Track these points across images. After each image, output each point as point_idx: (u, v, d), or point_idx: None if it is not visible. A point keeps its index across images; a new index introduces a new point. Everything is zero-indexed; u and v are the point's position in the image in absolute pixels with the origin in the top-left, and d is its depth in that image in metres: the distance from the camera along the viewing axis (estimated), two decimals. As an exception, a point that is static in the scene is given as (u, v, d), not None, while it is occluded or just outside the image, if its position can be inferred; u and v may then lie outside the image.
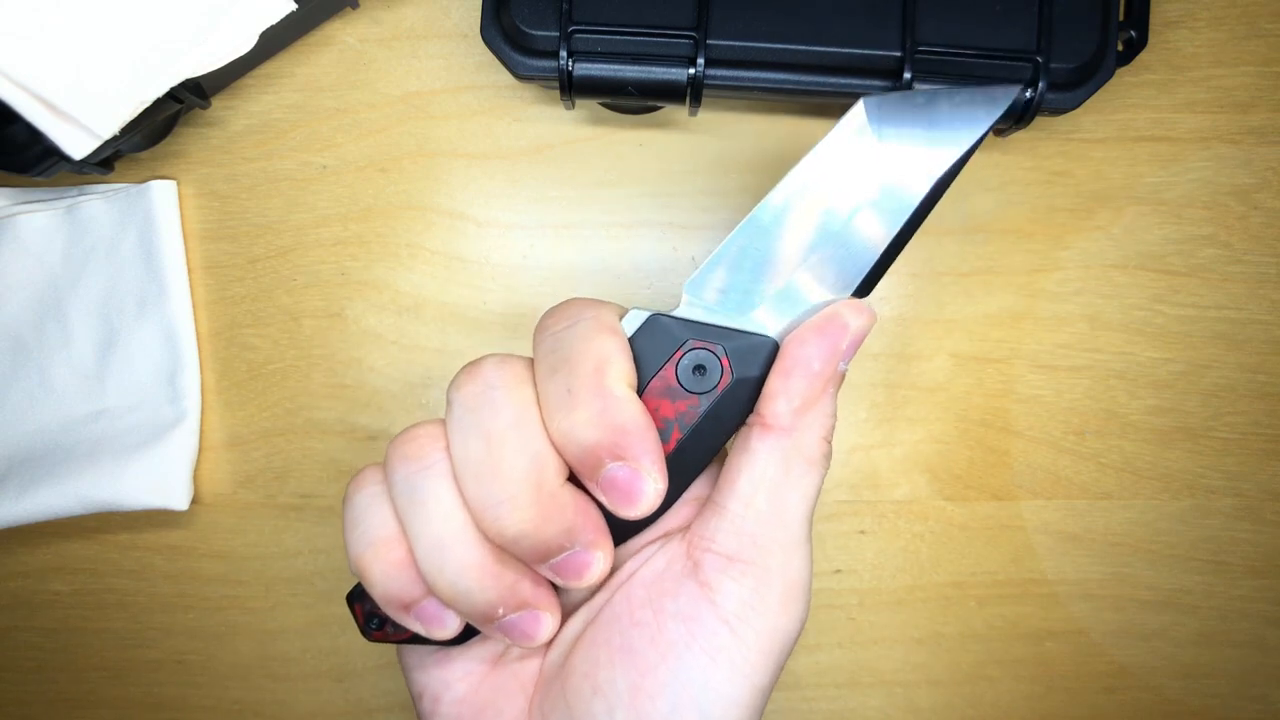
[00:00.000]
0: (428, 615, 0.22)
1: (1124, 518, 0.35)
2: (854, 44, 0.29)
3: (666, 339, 0.22)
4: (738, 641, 0.21)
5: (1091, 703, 0.36)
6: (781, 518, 0.22)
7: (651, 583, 0.23)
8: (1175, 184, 0.34)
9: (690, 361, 0.22)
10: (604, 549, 0.21)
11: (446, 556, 0.21)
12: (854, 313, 0.22)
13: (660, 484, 0.21)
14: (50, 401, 0.34)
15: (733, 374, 0.22)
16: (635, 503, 0.21)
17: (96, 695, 0.37)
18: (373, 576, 0.21)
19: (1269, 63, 0.34)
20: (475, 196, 0.35)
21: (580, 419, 0.20)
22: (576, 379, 0.21)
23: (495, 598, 0.21)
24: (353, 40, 0.34)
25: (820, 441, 0.22)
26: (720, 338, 0.22)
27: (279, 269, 0.35)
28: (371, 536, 0.21)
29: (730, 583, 0.22)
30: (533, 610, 0.22)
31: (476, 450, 0.21)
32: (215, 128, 0.34)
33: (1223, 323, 0.34)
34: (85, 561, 0.36)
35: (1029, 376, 0.35)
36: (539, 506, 0.20)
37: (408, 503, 0.21)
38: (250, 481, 0.35)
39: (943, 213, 0.34)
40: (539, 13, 0.29)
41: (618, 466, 0.20)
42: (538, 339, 0.22)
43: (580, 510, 0.21)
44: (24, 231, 0.34)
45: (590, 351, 0.21)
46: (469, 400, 0.21)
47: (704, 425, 0.22)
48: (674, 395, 0.22)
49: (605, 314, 0.22)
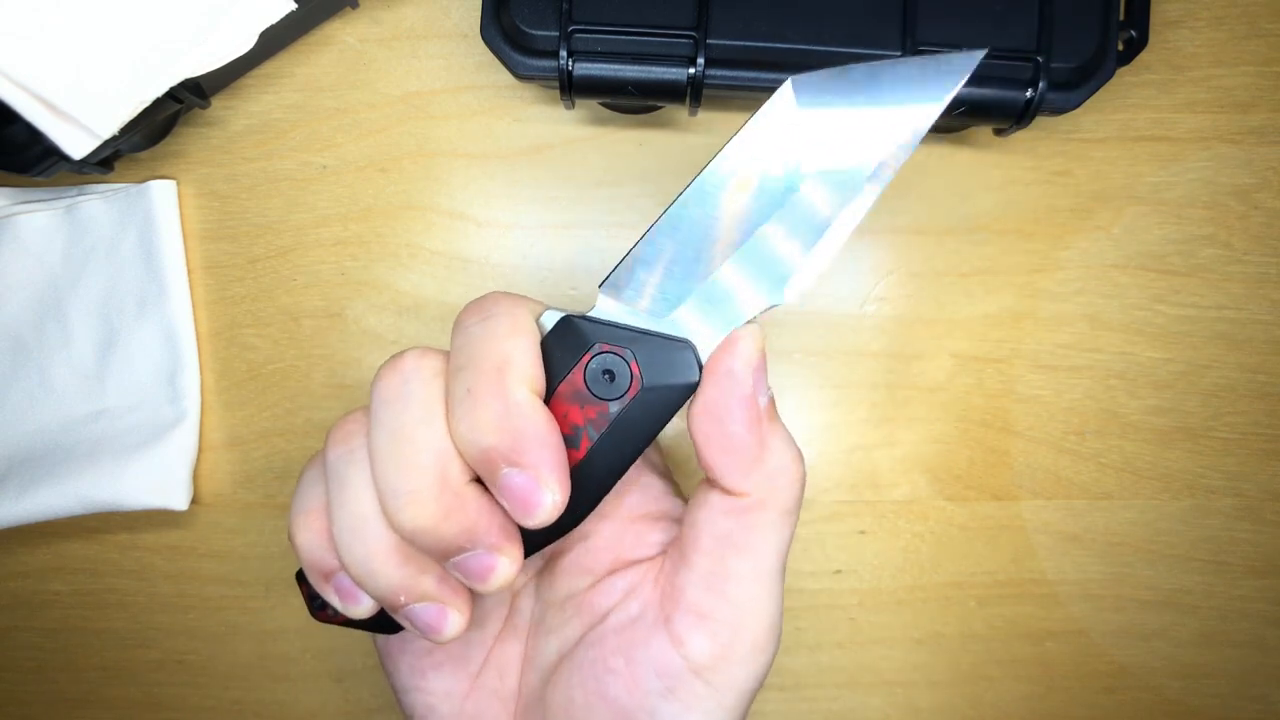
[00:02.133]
0: (343, 589, 0.22)
1: (1124, 518, 0.35)
2: (854, 44, 0.29)
3: (576, 342, 0.21)
4: (711, 690, 0.21)
5: (1091, 703, 0.36)
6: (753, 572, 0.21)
7: (624, 630, 0.23)
8: (1175, 184, 0.34)
9: (598, 366, 0.21)
10: (509, 554, 0.21)
11: (355, 537, 0.21)
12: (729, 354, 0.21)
13: (558, 495, 0.20)
14: (50, 401, 0.34)
15: (643, 380, 0.21)
16: (532, 512, 0.20)
17: (96, 695, 0.37)
18: (298, 541, 0.22)
19: (1269, 63, 0.34)
20: (475, 196, 0.34)
21: (477, 421, 0.20)
22: (477, 379, 0.20)
23: (397, 584, 0.21)
24: (353, 40, 0.34)
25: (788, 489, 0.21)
26: (630, 342, 0.21)
27: (279, 269, 0.35)
28: (304, 506, 0.22)
29: (702, 639, 0.21)
30: (437, 604, 0.21)
31: (385, 443, 0.21)
32: (215, 128, 0.34)
33: (1223, 323, 0.34)
34: (85, 561, 0.36)
35: (1029, 376, 0.35)
36: (439, 504, 0.20)
37: (332, 483, 0.21)
38: (250, 481, 0.35)
39: (943, 213, 0.34)
40: (539, 13, 0.29)
41: (514, 473, 0.20)
42: (453, 333, 0.22)
43: (484, 512, 0.21)
44: (24, 231, 0.34)
45: (494, 352, 0.20)
46: (384, 392, 0.21)
47: (615, 432, 0.21)
48: (583, 400, 0.21)
49: (519, 312, 0.21)
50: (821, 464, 0.35)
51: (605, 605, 0.23)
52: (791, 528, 0.22)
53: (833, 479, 0.35)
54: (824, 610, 0.36)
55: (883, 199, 0.34)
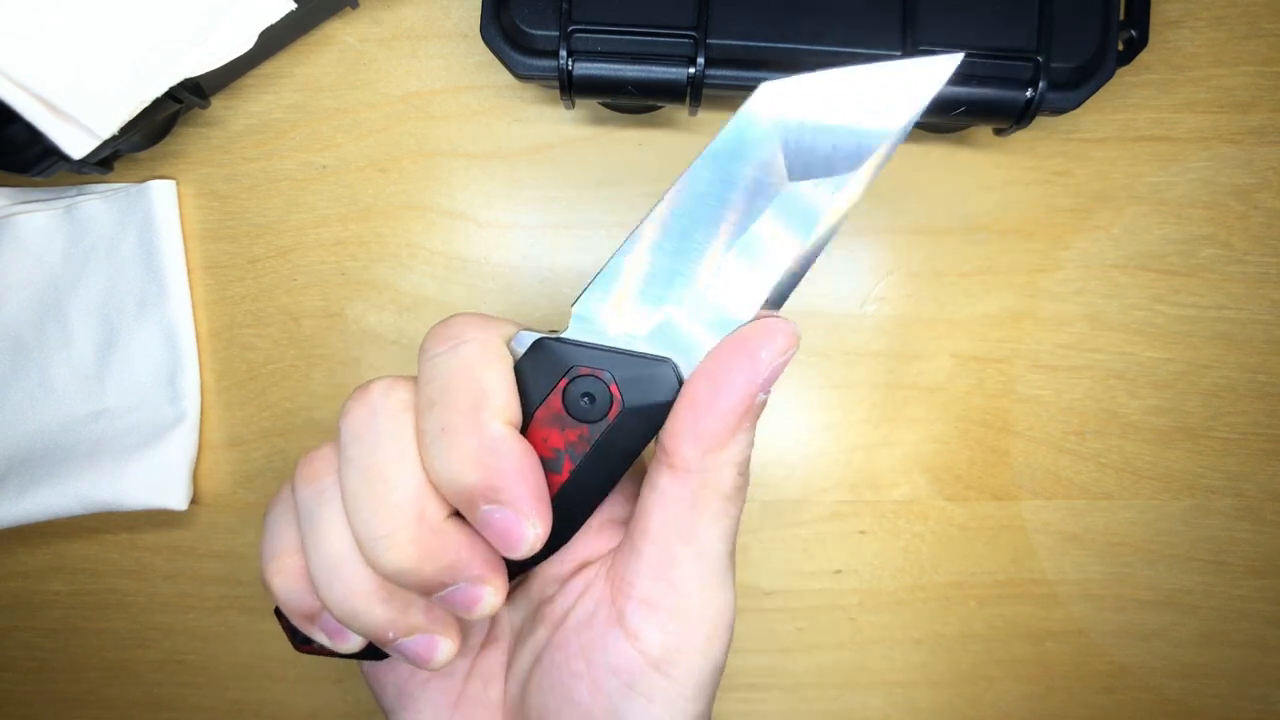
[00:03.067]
0: (330, 629, 0.22)
1: (1124, 518, 0.35)
2: (854, 44, 0.29)
3: (553, 365, 0.20)
4: (671, 682, 0.21)
5: (1091, 703, 0.36)
6: (699, 558, 0.21)
7: (582, 630, 0.22)
8: (1175, 184, 0.34)
9: (578, 389, 0.20)
10: (493, 583, 0.21)
11: (334, 579, 0.20)
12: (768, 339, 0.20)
13: (539, 528, 0.20)
14: (50, 401, 0.34)
15: (623, 402, 0.20)
16: (514, 547, 0.20)
17: (96, 695, 0.37)
18: (275, 587, 0.22)
19: (1269, 63, 0.34)
20: (475, 196, 0.34)
21: (454, 461, 0.19)
22: (451, 416, 0.20)
23: (384, 621, 0.21)
24: (353, 40, 0.34)
25: (734, 476, 0.21)
26: (609, 363, 0.20)
27: (279, 269, 0.35)
28: (276, 548, 0.22)
29: (654, 631, 0.21)
30: (426, 635, 0.21)
31: (357, 482, 0.20)
32: (215, 128, 0.34)
33: (1223, 323, 0.34)
34: (85, 561, 0.36)
35: (1029, 376, 0.35)
36: (418, 544, 0.20)
37: (305, 523, 0.21)
38: (250, 481, 0.35)
39: (943, 213, 0.34)
40: (539, 12, 0.29)
41: (494, 509, 0.19)
42: (420, 362, 0.21)
43: (465, 546, 0.20)
44: (24, 231, 0.34)
45: (467, 385, 0.20)
46: (353, 427, 0.21)
47: (597, 455, 0.21)
48: (563, 424, 0.20)
49: (491, 338, 0.21)
50: (821, 464, 0.35)
51: (565, 607, 0.23)
52: (735, 517, 0.22)
53: (833, 479, 0.35)
54: (824, 610, 0.36)
55: (883, 199, 0.34)
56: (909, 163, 0.34)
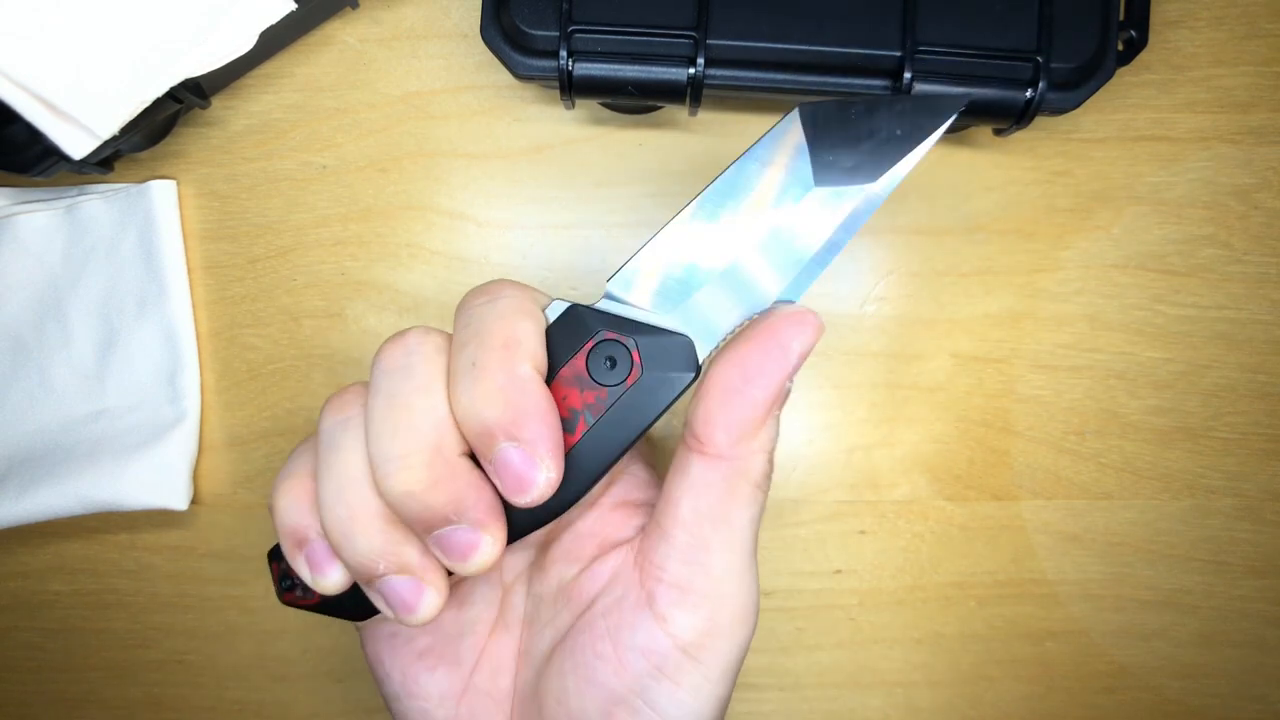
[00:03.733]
0: (315, 558, 0.22)
1: (1124, 518, 0.35)
2: (854, 44, 0.29)
3: (581, 328, 0.22)
4: (698, 666, 0.22)
5: (1091, 703, 0.36)
6: (729, 544, 0.22)
7: (609, 613, 0.23)
8: (1175, 184, 0.34)
9: (601, 352, 0.22)
10: (493, 533, 0.21)
11: (339, 499, 0.21)
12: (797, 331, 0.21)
13: (553, 473, 0.20)
14: (50, 401, 0.34)
15: (643, 368, 0.22)
16: (526, 489, 0.20)
17: (96, 695, 0.37)
18: (277, 505, 0.22)
19: (1269, 63, 0.34)
20: (475, 196, 0.34)
21: (480, 394, 0.20)
22: (483, 353, 0.20)
23: (378, 549, 0.21)
24: (353, 40, 0.34)
25: (763, 463, 0.22)
26: (634, 331, 0.22)
27: (279, 269, 0.35)
28: (290, 472, 0.22)
29: (685, 615, 0.22)
30: (415, 579, 0.21)
31: (381, 408, 0.21)
32: (215, 128, 0.34)
33: (1223, 323, 0.34)
34: (85, 561, 0.36)
35: (1029, 376, 0.35)
36: (429, 470, 0.20)
37: (324, 448, 0.22)
38: (250, 481, 0.35)
39: (943, 213, 0.34)
40: (539, 13, 0.29)
41: (511, 447, 0.20)
42: (458, 314, 0.22)
43: (473, 485, 0.21)
44: (24, 231, 0.34)
45: (502, 329, 0.21)
46: (387, 363, 0.21)
47: (612, 418, 0.22)
48: (583, 385, 0.22)
49: (526, 297, 0.22)
50: (821, 464, 0.35)
51: (592, 591, 0.24)
52: (762, 504, 0.22)
53: (833, 479, 0.35)
54: (824, 610, 0.36)
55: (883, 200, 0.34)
56: (909, 163, 0.34)
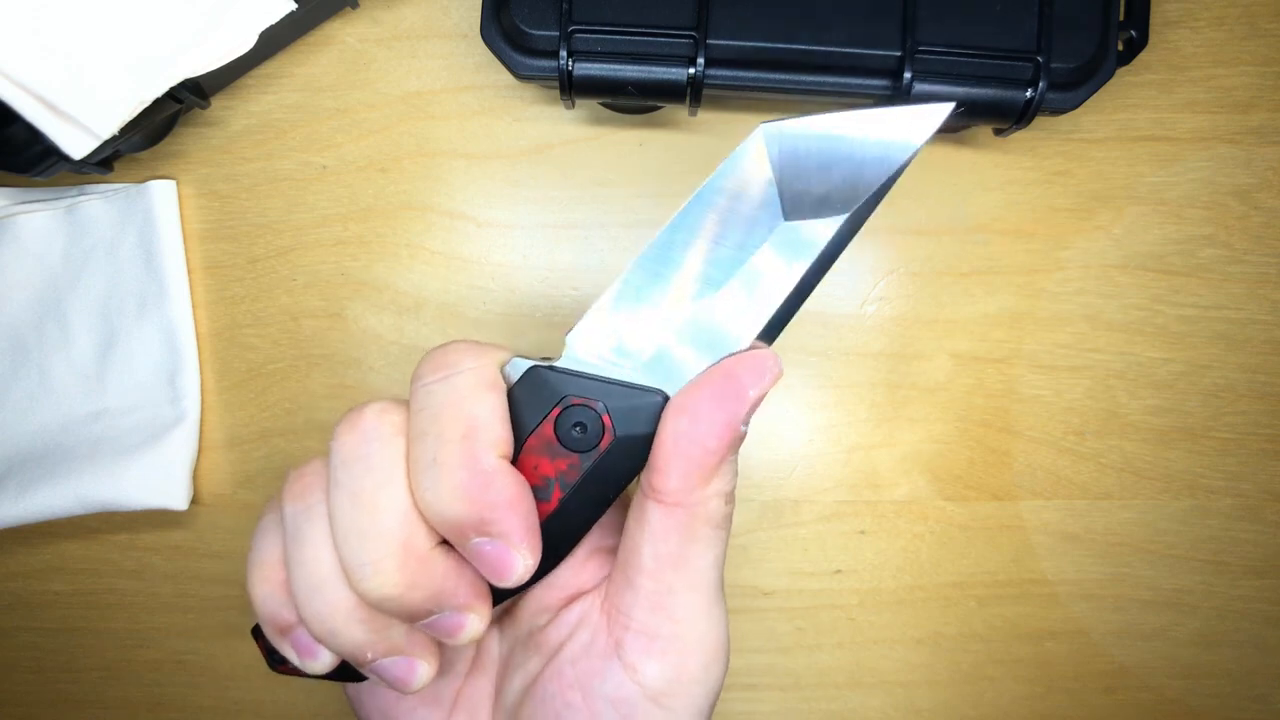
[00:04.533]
0: (300, 644, 0.22)
1: (1124, 518, 0.35)
2: (854, 44, 0.29)
3: (546, 393, 0.20)
4: (668, 713, 0.21)
5: (1091, 703, 0.36)
6: (693, 586, 0.21)
7: (578, 661, 0.22)
8: (1175, 184, 0.34)
9: (570, 418, 0.20)
10: (477, 611, 0.21)
11: (315, 596, 0.20)
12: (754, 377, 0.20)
13: (530, 559, 0.20)
14: (50, 401, 0.34)
15: (615, 433, 0.20)
16: (504, 577, 0.20)
17: (96, 695, 0.37)
18: (255, 596, 0.22)
19: (1269, 63, 0.34)
20: (475, 196, 0.34)
21: (444, 492, 0.19)
22: (443, 448, 0.19)
23: (364, 642, 0.21)
24: (353, 40, 0.34)
25: (721, 505, 0.21)
26: (602, 394, 0.20)
27: (279, 269, 0.35)
28: (260, 558, 0.22)
29: (653, 663, 0.21)
30: (406, 658, 0.21)
31: (346, 506, 0.20)
32: (215, 128, 0.34)
33: (1223, 323, 0.34)
34: (85, 561, 0.36)
35: (1029, 376, 0.35)
36: (404, 572, 0.20)
37: (290, 539, 0.21)
38: (250, 481, 0.35)
39: (943, 213, 0.34)
40: (539, 13, 0.29)
41: (485, 541, 0.20)
42: (412, 389, 0.21)
43: (451, 574, 0.20)
44: (24, 231, 0.34)
45: (459, 416, 0.20)
46: (344, 451, 0.20)
47: (587, 484, 0.21)
48: (554, 453, 0.20)
49: (484, 366, 0.21)
50: (821, 464, 0.35)
51: (560, 637, 0.23)
52: (724, 541, 0.22)
53: (833, 479, 0.35)
54: (824, 610, 0.36)
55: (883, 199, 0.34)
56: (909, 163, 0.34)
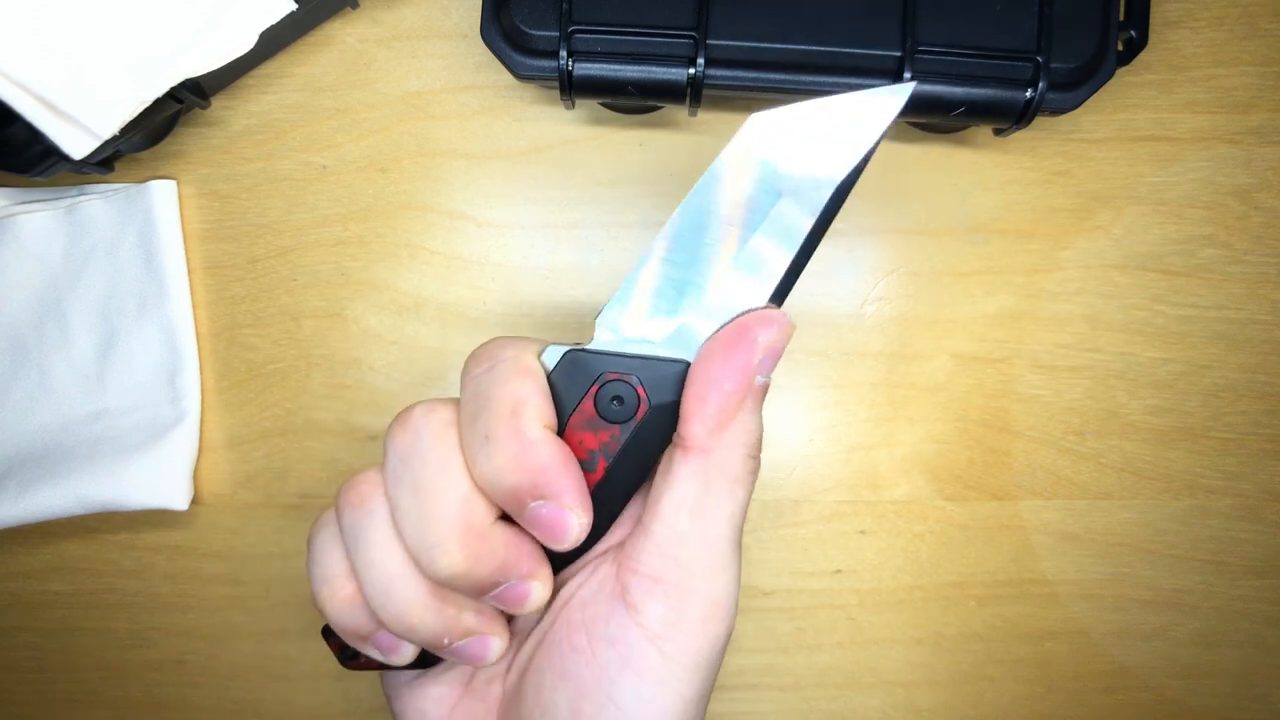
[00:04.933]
0: (385, 645, 0.23)
1: (1124, 518, 0.35)
2: (854, 44, 0.29)
3: (583, 373, 0.22)
4: (664, 659, 0.22)
5: (1091, 703, 0.36)
6: (704, 538, 0.22)
7: (586, 606, 0.23)
8: (1175, 184, 0.34)
9: (608, 393, 0.22)
10: (540, 578, 0.22)
11: (389, 595, 0.22)
12: (763, 325, 0.22)
13: (584, 518, 0.21)
14: (50, 401, 0.34)
15: (649, 401, 0.22)
16: (562, 538, 0.21)
17: (96, 695, 0.37)
18: (329, 611, 0.23)
19: (1269, 63, 0.34)
20: (475, 196, 0.34)
21: (499, 464, 0.21)
22: (493, 425, 0.21)
23: (440, 629, 0.22)
24: (353, 40, 0.34)
25: (743, 459, 0.22)
26: (635, 368, 0.22)
27: (279, 269, 0.35)
28: (326, 574, 0.23)
29: (653, 604, 0.22)
30: (479, 636, 0.23)
31: (407, 499, 0.22)
32: (215, 128, 0.34)
33: (1223, 323, 0.34)
34: (85, 561, 0.36)
35: (1029, 376, 0.35)
36: (468, 549, 0.21)
37: (354, 546, 0.22)
38: (250, 481, 0.35)
39: (943, 213, 0.34)
40: (539, 13, 0.29)
41: (540, 505, 0.21)
42: (462, 384, 0.23)
43: (512, 545, 0.22)
44: (24, 231, 0.34)
45: (506, 396, 0.21)
46: (400, 449, 0.22)
47: (628, 452, 0.22)
48: (595, 427, 0.22)
49: (523, 354, 0.22)
50: (821, 464, 0.35)
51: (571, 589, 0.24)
52: (742, 500, 0.23)
53: (833, 479, 0.35)
54: (824, 610, 0.36)
55: (883, 199, 0.35)
56: (909, 163, 0.34)
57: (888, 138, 0.34)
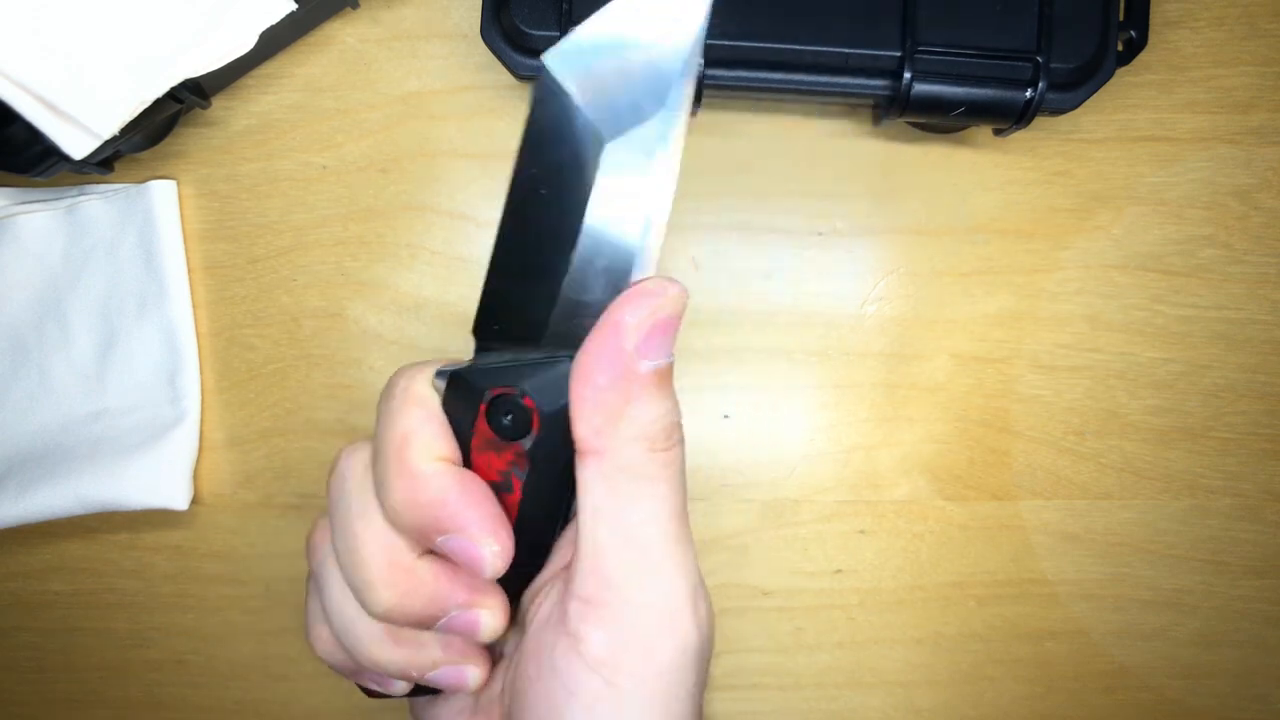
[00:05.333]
0: (373, 679, 0.24)
1: (1124, 518, 0.35)
2: (854, 44, 0.29)
3: (470, 394, 0.21)
4: (611, 690, 0.20)
5: (1091, 703, 0.36)
6: (626, 544, 0.20)
7: (540, 633, 0.22)
8: (1175, 184, 0.34)
9: (497, 411, 0.20)
10: (486, 605, 0.22)
11: (350, 636, 0.22)
12: (630, 305, 0.19)
13: (495, 545, 0.20)
14: (50, 401, 0.34)
15: (541, 410, 0.20)
16: (478, 568, 0.20)
17: (96, 695, 0.37)
18: (318, 654, 0.24)
19: (1269, 63, 0.34)
20: (475, 197, 0.34)
21: (395, 504, 0.21)
22: (385, 464, 0.21)
23: (404, 663, 0.22)
24: (353, 40, 0.34)
25: (644, 453, 0.20)
26: (518, 377, 0.20)
27: (279, 269, 0.35)
28: (310, 623, 0.24)
29: (592, 630, 0.20)
30: (453, 665, 0.22)
31: (340, 542, 0.22)
32: (215, 128, 0.34)
33: (1223, 323, 0.34)
34: (85, 561, 0.36)
35: (1029, 376, 0.35)
36: (394, 587, 0.21)
37: (318, 593, 0.23)
38: (250, 481, 0.35)
39: (943, 213, 0.34)
40: (539, 13, 0.29)
41: (446, 539, 0.20)
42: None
43: (443, 577, 0.21)
44: (24, 231, 0.34)
45: (394, 432, 0.21)
46: (331, 495, 0.22)
47: (539, 467, 0.21)
48: (497, 447, 0.21)
49: (413, 383, 0.21)
50: (821, 464, 0.35)
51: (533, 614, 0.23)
52: (664, 495, 0.20)
53: (833, 479, 0.35)
54: (824, 610, 0.36)
55: (882, 199, 0.34)
56: (909, 163, 0.34)
57: (888, 138, 0.34)
